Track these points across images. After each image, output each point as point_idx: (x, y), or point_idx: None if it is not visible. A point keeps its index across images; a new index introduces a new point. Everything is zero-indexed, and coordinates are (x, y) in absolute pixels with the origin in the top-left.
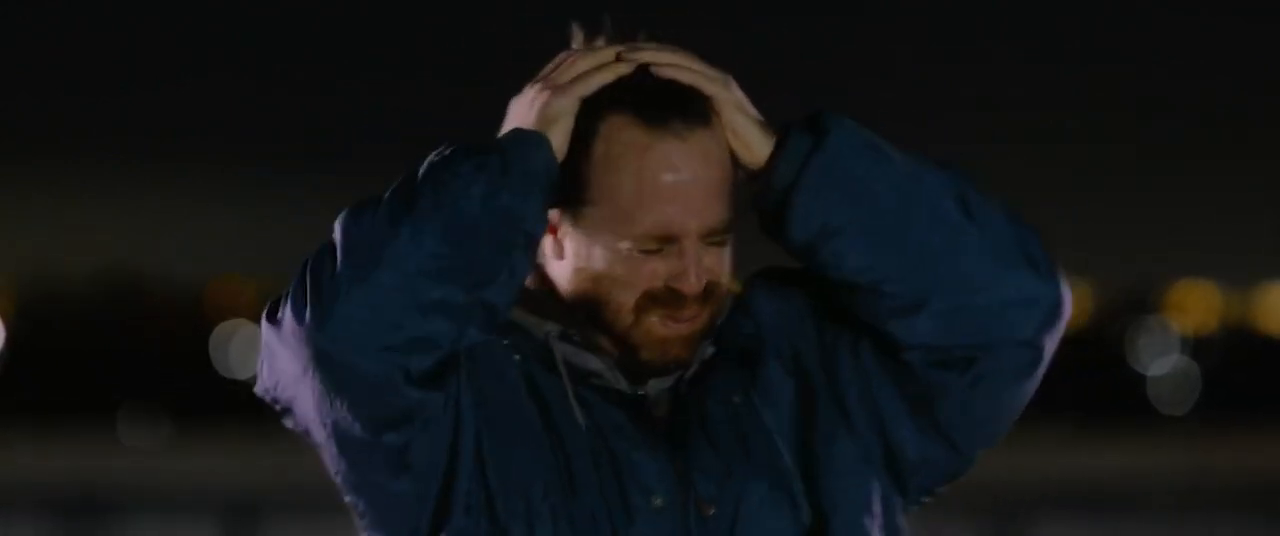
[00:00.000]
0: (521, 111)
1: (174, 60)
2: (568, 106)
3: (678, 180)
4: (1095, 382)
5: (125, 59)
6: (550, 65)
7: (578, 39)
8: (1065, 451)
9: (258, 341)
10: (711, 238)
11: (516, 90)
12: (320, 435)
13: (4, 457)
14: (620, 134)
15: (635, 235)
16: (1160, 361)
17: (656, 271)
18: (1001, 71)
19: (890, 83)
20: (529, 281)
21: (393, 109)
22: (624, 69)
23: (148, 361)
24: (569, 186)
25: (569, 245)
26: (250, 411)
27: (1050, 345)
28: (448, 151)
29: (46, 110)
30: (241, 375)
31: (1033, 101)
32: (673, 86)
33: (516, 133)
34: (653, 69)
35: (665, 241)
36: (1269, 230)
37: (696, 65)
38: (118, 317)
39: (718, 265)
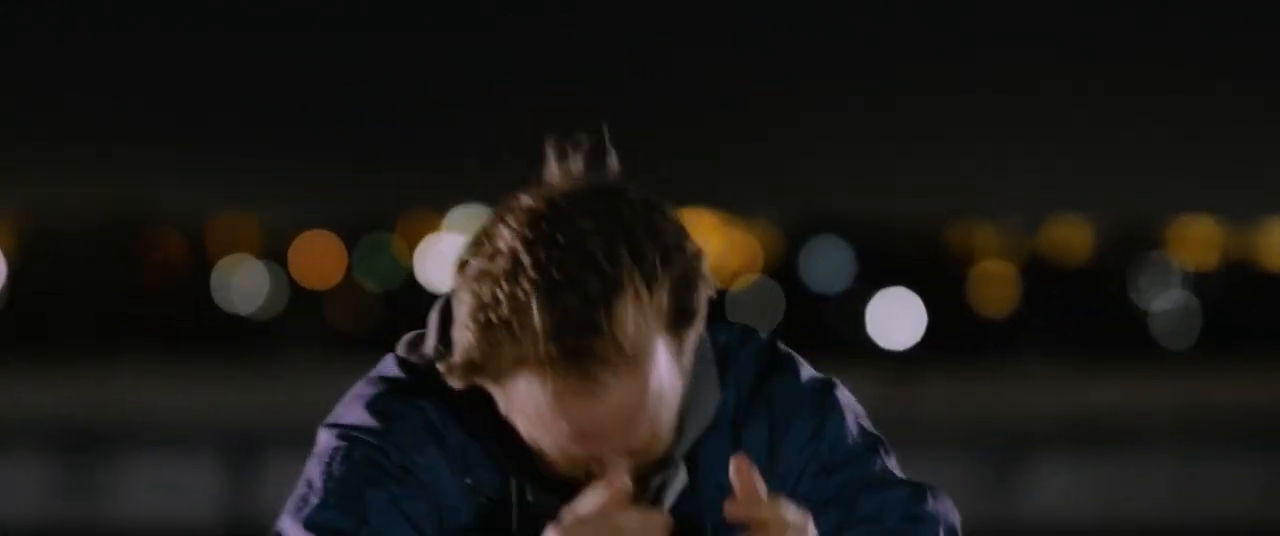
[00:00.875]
0: None
1: (176, 2)
2: None
3: (594, 431)
4: (1096, 318)
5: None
6: None
7: (556, 156)
8: (1067, 387)
9: (260, 277)
10: (637, 457)
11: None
12: None
13: (5, 393)
14: (530, 391)
15: (547, 451)
16: (1162, 297)
17: (578, 460)
18: (1000, 8)
19: (892, 25)
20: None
21: (391, 57)
22: None
23: (149, 296)
24: (487, 379)
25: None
26: (251, 346)
27: None
28: None
29: (48, 49)
30: (243, 310)
31: (1031, 39)
32: (585, 333)
33: None
34: None
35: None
36: (1270, 165)
37: None
38: (119, 253)
39: (652, 447)
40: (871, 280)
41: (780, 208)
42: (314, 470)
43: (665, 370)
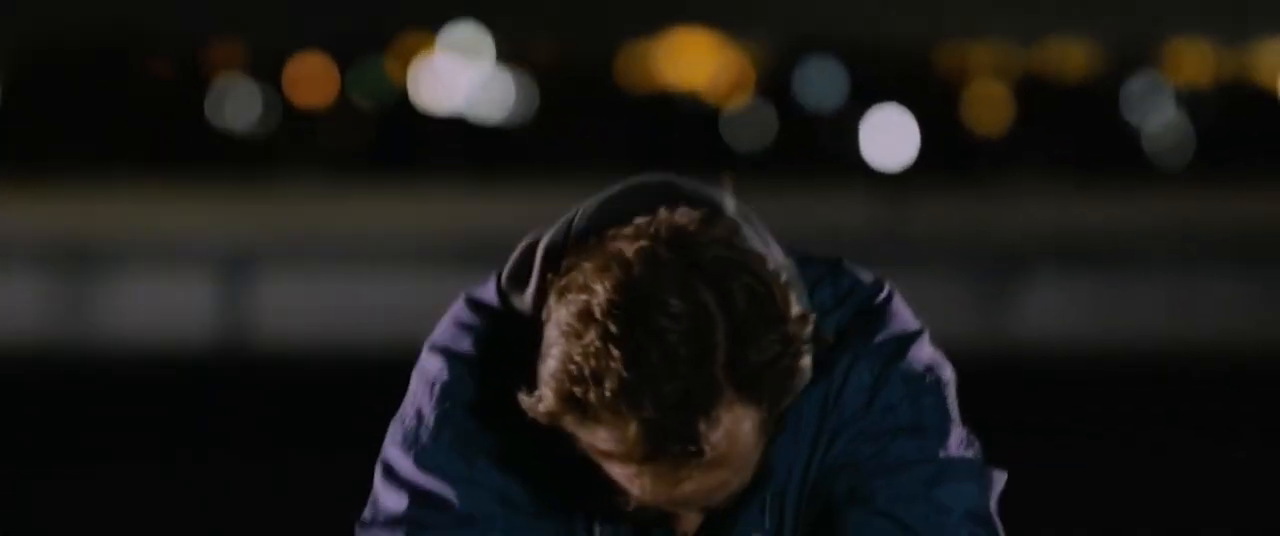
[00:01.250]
0: None
1: None
2: None
3: (665, 505)
4: (1092, 138)
5: None
6: None
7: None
8: (1063, 205)
9: (253, 97)
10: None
11: None
12: None
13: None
14: (607, 456)
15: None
16: (1156, 117)
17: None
18: None
19: None
20: None
21: None
22: None
23: (143, 117)
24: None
25: None
26: (246, 165)
27: None
28: None
29: None
30: (237, 129)
31: None
32: (666, 442)
33: None
34: None
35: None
36: None
37: None
38: (113, 74)
39: (727, 499)
40: (865, 100)
41: (774, 27)
42: (422, 397)
43: (751, 445)
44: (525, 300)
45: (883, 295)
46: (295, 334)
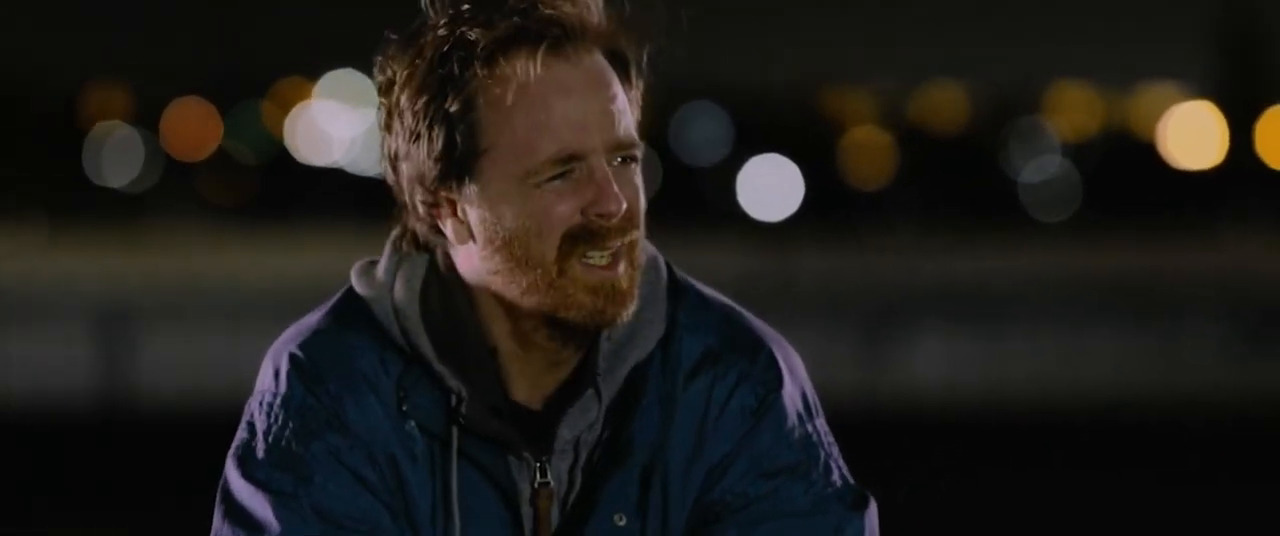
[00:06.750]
0: None
1: None
2: None
3: (572, 100)
4: (973, 189)
5: None
6: None
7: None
8: (945, 257)
9: (132, 145)
10: (620, 152)
11: None
12: None
13: None
14: (508, 73)
15: (537, 165)
16: (1038, 166)
17: (570, 208)
18: None
19: None
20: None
21: None
22: None
23: (20, 165)
24: (462, 149)
25: (474, 215)
26: (122, 216)
27: None
28: None
29: None
30: (113, 182)
31: None
32: (554, 19)
33: None
34: None
35: (570, 161)
36: (1146, 30)
37: None
38: None
39: (633, 187)
40: (746, 147)
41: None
42: (256, 412)
43: (619, 86)
44: (377, 275)
45: (749, 317)
46: (175, 389)
